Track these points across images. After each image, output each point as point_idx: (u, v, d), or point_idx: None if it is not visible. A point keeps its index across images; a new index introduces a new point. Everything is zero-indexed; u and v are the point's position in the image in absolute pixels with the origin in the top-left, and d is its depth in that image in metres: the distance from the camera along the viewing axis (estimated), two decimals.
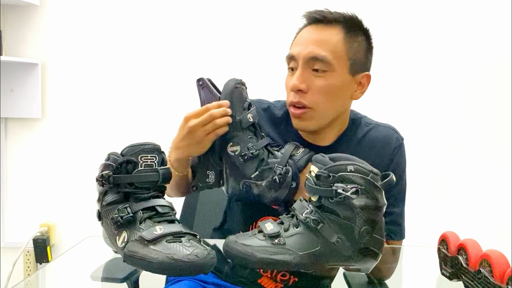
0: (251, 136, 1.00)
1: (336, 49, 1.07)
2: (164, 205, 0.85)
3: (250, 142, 0.99)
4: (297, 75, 1.06)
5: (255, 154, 0.98)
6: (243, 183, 0.99)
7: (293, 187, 0.98)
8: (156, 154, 0.85)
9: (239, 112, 0.99)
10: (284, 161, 0.99)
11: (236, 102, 0.99)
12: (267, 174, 0.98)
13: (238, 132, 0.99)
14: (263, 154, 0.99)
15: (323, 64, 1.06)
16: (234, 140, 0.98)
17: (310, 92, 1.06)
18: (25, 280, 1.80)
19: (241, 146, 0.98)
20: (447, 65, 2.22)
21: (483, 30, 2.19)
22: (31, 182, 2.39)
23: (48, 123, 2.37)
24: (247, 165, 0.98)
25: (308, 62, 1.06)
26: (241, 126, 0.99)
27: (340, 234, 0.81)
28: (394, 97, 2.23)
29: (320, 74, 1.06)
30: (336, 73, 1.07)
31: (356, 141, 1.14)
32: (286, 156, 1.00)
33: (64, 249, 2.37)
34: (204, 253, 0.77)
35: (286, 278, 1.10)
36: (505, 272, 0.74)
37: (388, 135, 1.17)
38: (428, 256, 1.02)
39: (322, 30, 1.08)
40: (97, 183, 0.85)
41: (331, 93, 1.07)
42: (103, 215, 0.85)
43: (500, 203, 2.22)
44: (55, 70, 2.35)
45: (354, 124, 1.17)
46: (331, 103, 1.08)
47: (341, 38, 1.08)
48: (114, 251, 0.88)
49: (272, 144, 1.04)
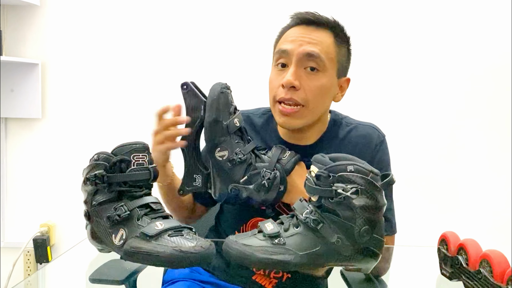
0: (238, 141, 1.01)
1: (328, 50, 1.09)
2: (156, 201, 0.88)
3: (238, 147, 0.99)
4: (291, 72, 1.06)
5: (243, 158, 0.99)
6: (232, 187, 1.00)
7: (281, 190, 1.00)
8: (146, 153, 0.88)
9: (226, 117, 0.99)
10: (272, 165, 1.00)
11: (222, 108, 0.99)
12: (256, 178, 0.99)
13: (226, 137, 0.99)
14: (251, 158, 1.01)
15: (317, 63, 1.07)
16: (222, 146, 0.99)
17: (302, 90, 1.07)
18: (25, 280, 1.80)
19: (229, 150, 0.99)
20: (447, 65, 2.22)
21: (483, 30, 2.19)
22: (31, 182, 2.39)
23: (48, 123, 2.37)
24: (235, 169, 0.99)
25: (302, 59, 1.07)
26: (228, 131, 0.99)
27: (340, 234, 0.81)
28: (394, 97, 2.23)
29: (313, 73, 1.07)
30: (327, 73, 1.09)
31: (338, 141, 1.16)
32: (274, 160, 1.01)
33: (64, 249, 2.37)
34: (207, 244, 0.80)
35: (280, 276, 1.11)
36: (505, 272, 0.74)
37: (369, 133, 1.18)
38: (428, 256, 1.02)
39: (314, 31, 1.09)
40: (88, 183, 0.86)
41: (322, 92, 1.09)
42: (94, 214, 0.86)
43: (500, 203, 2.22)
44: (55, 70, 2.35)
45: (336, 124, 1.18)
46: (320, 102, 1.10)
47: (332, 41, 1.10)
48: (99, 250, 0.90)
49: (258, 147, 1.05)
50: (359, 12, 2.17)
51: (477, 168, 2.23)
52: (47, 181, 2.38)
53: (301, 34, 1.09)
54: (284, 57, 1.09)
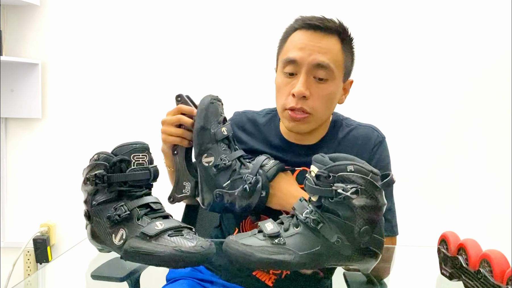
0: (225, 149, 1.03)
1: (337, 58, 1.10)
2: (156, 201, 0.88)
3: (224, 154, 1.02)
4: (302, 82, 1.08)
5: (228, 164, 1.01)
6: (216, 192, 1.02)
7: (263, 196, 1.02)
8: (146, 153, 0.88)
9: (214, 125, 1.02)
10: (254, 171, 1.02)
11: (211, 116, 1.03)
12: (239, 184, 1.01)
13: (213, 144, 1.02)
14: (236, 165, 1.03)
15: (326, 73, 1.08)
16: (209, 152, 1.02)
17: (311, 99, 1.09)
18: (25, 280, 1.80)
19: (215, 157, 1.02)
20: (447, 65, 2.22)
21: (483, 30, 2.19)
22: (31, 182, 2.39)
23: (48, 123, 2.37)
24: (220, 175, 1.02)
25: (312, 69, 1.08)
26: (216, 139, 1.02)
27: (340, 234, 0.81)
28: (394, 98, 2.23)
29: (322, 82, 1.09)
30: (335, 81, 1.11)
31: (337, 141, 1.18)
32: (257, 166, 1.03)
33: (64, 249, 2.37)
34: (207, 243, 0.81)
35: (279, 272, 1.12)
36: (505, 272, 0.74)
37: (367, 134, 1.19)
38: (428, 256, 1.02)
39: (323, 38, 1.09)
40: (88, 182, 0.86)
41: (330, 100, 1.12)
42: (94, 214, 0.87)
43: (500, 203, 2.22)
44: (55, 70, 2.35)
45: (336, 125, 1.20)
46: (328, 109, 1.13)
47: (339, 48, 1.11)
48: (99, 249, 0.90)
49: (245, 156, 1.07)
50: (358, 13, 2.17)
51: (477, 168, 2.23)
52: (47, 181, 2.38)
53: (310, 41, 1.09)
54: (292, 66, 1.10)
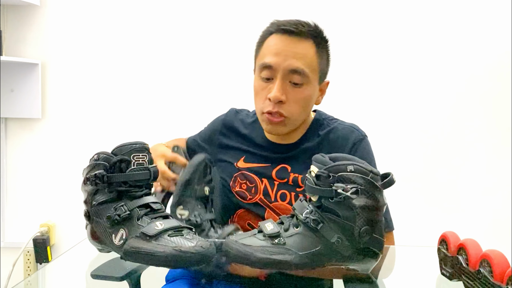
0: (201, 207, 1.04)
1: (311, 63, 1.12)
2: (156, 201, 0.88)
3: (198, 212, 1.03)
4: (278, 87, 1.10)
5: (199, 222, 1.01)
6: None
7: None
8: (146, 153, 0.88)
9: (199, 182, 1.04)
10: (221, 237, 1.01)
11: (198, 173, 1.05)
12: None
13: (191, 199, 1.03)
14: (206, 226, 1.03)
15: (301, 78, 1.11)
16: (185, 205, 1.03)
17: (288, 103, 1.12)
18: (25, 280, 1.80)
19: (190, 212, 1.02)
20: (447, 65, 2.21)
21: (483, 30, 2.19)
22: (31, 182, 2.39)
23: (48, 123, 2.37)
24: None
25: (287, 74, 1.11)
26: (196, 195, 1.03)
27: (340, 234, 0.81)
28: (394, 98, 2.22)
29: (297, 87, 1.12)
30: (311, 85, 1.14)
31: (317, 140, 1.20)
32: (224, 234, 1.02)
33: (64, 249, 2.37)
34: (207, 244, 0.81)
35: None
36: (505, 272, 0.74)
37: (346, 133, 1.21)
38: (428, 256, 1.02)
39: (298, 43, 1.11)
40: (88, 182, 0.86)
41: (306, 103, 1.15)
42: (94, 214, 0.87)
43: (500, 203, 2.21)
44: (55, 70, 2.35)
45: (317, 124, 1.23)
46: (304, 111, 1.16)
47: (314, 52, 1.13)
48: (99, 249, 0.90)
49: (217, 220, 1.08)
50: (358, 12, 2.17)
51: (477, 168, 2.23)
52: (47, 181, 2.38)
53: (285, 46, 1.11)
54: (268, 71, 1.12)
